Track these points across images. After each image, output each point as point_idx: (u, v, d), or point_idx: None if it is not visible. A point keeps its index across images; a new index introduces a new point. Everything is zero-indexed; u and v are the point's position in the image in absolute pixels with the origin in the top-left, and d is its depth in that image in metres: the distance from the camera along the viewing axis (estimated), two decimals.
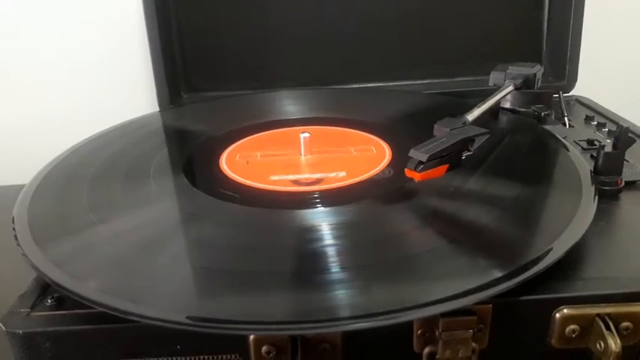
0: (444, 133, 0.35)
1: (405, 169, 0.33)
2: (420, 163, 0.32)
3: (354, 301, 0.26)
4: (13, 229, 0.34)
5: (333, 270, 0.28)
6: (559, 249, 0.28)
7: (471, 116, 0.37)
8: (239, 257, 0.30)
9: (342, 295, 0.26)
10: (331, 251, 0.30)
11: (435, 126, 0.36)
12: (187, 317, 0.26)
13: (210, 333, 0.26)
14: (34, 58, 0.61)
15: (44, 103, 0.63)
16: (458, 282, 0.26)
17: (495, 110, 0.47)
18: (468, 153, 0.35)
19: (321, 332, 0.26)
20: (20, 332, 0.27)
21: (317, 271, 0.28)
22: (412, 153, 0.33)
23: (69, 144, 0.46)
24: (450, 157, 0.34)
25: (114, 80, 0.62)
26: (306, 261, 0.29)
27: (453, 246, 0.30)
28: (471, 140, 0.34)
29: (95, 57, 0.62)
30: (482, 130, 0.35)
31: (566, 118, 0.48)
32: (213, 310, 0.26)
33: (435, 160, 0.33)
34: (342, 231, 0.32)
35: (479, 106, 0.38)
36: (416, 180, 0.33)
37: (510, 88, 0.42)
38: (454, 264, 0.28)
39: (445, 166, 0.34)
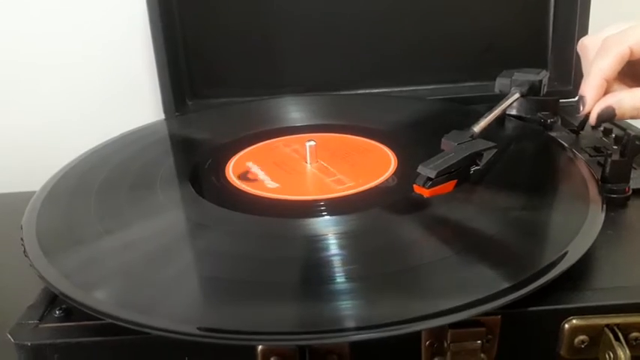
0: (451, 148, 0.35)
1: (414, 185, 0.33)
2: (429, 179, 0.32)
3: (362, 312, 0.26)
4: (22, 239, 0.34)
5: (341, 280, 0.28)
6: (568, 259, 0.28)
7: (477, 128, 0.37)
8: (246, 267, 0.30)
9: (349, 306, 0.26)
10: (339, 261, 0.30)
11: (443, 140, 0.36)
12: (195, 328, 0.26)
13: (218, 344, 0.25)
14: (39, 69, 0.61)
15: (50, 112, 0.63)
16: (466, 293, 0.26)
17: (501, 117, 0.47)
18: (477, 167, 0.35)
19: (329, 343, 0.26)
20: (29, 344, 0.27)
21: (325, 281, 0.28)
22: (420, 169, 0.33)
23: (75, 153, 0.46)
24: (459, 172, 0.34)
25: (119, 87, 0.63)
26: (313, 271, 0.29)
27: (461, 256, 0.29)
28: (479, 155, 0.34)
29: (99, 64, 0.62)
30: (490, 144, 0.35)
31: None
32: (221, 320, 0.26)
33: (444, 175, 0.33)
34: (350, 240, 0.32)
35: (485, 117, 0.38)
36: (425, 196, 0.33)
37: (516, 95, 0.42)
38: (462, 274, 0.28)
39: (454, 182, 0.34)
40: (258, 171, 0.42)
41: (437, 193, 0.33)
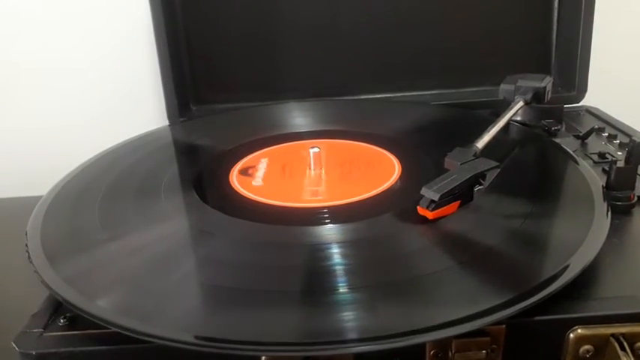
0: (454, 169, 0.35)
1: (418, 207, 0.33)
2: (432, 201, 0.33)
3: (367, 323, 0.26)
4: (26, 245, 0.34)
5: (345, 290, 0.28)
6: (573, 269, 0.28)
7: (480, 144, 0.37)
8: (250, 275, 0.30)
9: (354, 317, 0.26)
10: (343, 270, 0.29)
11: (446, 159, 0.36)
12: (199, 338, 0.26)
13: (222, 354, 0.25)
14: (43, 74, 0.61)
15: (53, 118, 0.63)
16: (471, 303, 0.26)
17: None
18: (480, 187, 0.35)
19: (334, 354, 0.26)
20: (34, 353, 0.27)
21: (329, 291, 0.28)
22: (424, 191, 0.33)
23: (78, 158, 0.46)
24: (462, 194, 0.34)
25: (122, 93, 0.63)
26: (317, 280, 0.29)
27: (465, 266, 0.29)
28: (482, 175, 0.34)
29: (103, 70, 0.62)
30: (493, 163, 0.35)
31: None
32: (225, 330, 0.26)
33: (447, 197, 0.33)
34: (354, 249, 0.32)
35: (488, 131, 0.38)
36: (429, 218, 0.33)
37: (520, 104, 0.42)
38: (467, 284, 0.28)
39: (457, 203, 0.34)
40: (261, 177, 0.42)
41: (441, 214, 0.33)
